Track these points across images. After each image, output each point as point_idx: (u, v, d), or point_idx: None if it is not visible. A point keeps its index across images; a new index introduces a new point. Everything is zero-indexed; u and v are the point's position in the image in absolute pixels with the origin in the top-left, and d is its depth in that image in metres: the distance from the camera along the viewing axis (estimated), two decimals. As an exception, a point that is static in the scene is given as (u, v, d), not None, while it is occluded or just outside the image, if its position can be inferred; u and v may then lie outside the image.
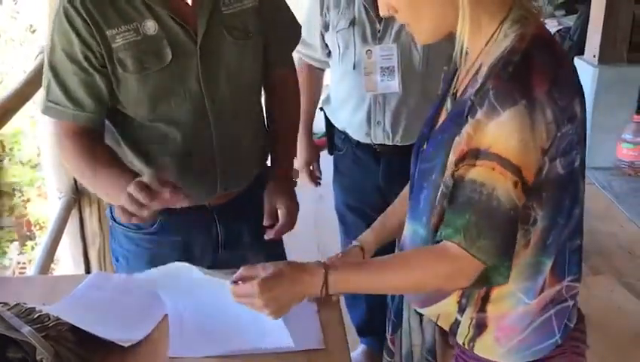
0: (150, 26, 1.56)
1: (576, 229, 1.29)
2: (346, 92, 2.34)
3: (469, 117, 1.16)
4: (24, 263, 4.90)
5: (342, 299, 1.74)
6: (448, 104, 1.31)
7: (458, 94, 1.27)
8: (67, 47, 1.55)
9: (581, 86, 1.22)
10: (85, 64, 1.55)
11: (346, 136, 2.43)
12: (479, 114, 1.14)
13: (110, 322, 1.44)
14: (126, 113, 1.64)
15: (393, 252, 1.45)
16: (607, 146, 4.53)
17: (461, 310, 1.31)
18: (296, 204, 1.82)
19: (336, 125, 2.46)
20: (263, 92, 1.88)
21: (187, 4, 1.59)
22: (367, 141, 2.35)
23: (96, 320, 1.41)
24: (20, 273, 4.73)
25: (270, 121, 1.89)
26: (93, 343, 1.32)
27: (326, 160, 2.65)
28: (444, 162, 1.21)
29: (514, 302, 1.27)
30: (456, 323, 1.33)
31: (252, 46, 1.71)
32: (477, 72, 1.20)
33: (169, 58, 1.58)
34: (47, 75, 1.59)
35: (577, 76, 1.23)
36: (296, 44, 1.93)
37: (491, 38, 1.19)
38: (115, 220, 1.81)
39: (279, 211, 1.77)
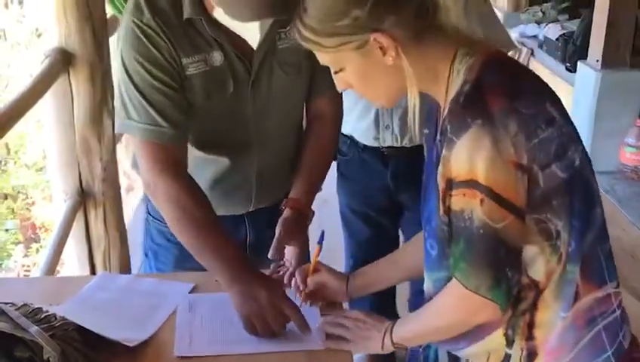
0: (217, 58, 1.58)
1: (602, 231, 1.26)
2: (353, 98, 2.35)
3: (440, 156, 1.17)
4: (28, 266, 4.90)
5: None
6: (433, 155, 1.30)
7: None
8: (154, 70, 1.53)
9: (547, 87, 1.22)
10: (174, 83, 1.55)
11: (351, 141, 2.42)
12: (444, 150, 1.15)
13: (116, 322, 1.45)
14: None
15: None
16: (610, 150, 4.53)
17: (509, 343, 1.25)
18: (308, 242, 1.72)
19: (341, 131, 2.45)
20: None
21: (244, 38, 1.59)
22: (375, 145, 2.35)
23: (102, 320, 1.42)
24: (25, 276, 4.74)
25: (302, 149, 1.79)
26: (99, 343, 1.34)
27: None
28: (437, 205, 1.21)
29: (555, 321, 1.23)
30: (506, 359, 1.27)
31: (302, 80, 1.72)
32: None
33: (231, 90, 1.60)
34: (132, 96, 1.55)
35: (540, 80, 1.22)
36: None
37: (448, 82, 1.20)
38: (150, 213, 1.83)
39: (293, 250, 1.62)
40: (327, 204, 2.50)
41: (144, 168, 1.59)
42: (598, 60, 4.56)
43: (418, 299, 1.41)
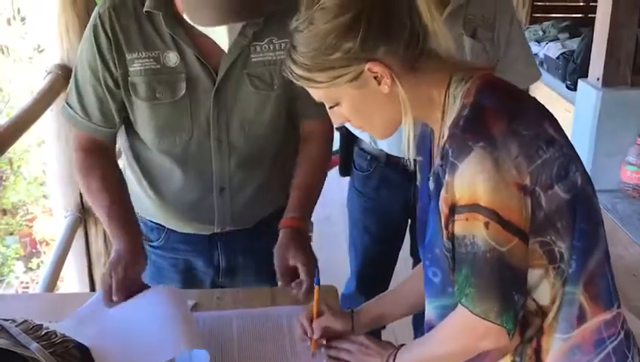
0: (171, 58, 1.57)
1: (607, 251, 1.24)
2: None
3: (442, 181, 1.16)
4: (27, 283, 4.90)
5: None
6: (431, 181, 1.28)
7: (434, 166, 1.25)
8: (90, 60, 1.59)
9: (544, 108, 1.22)
10: (102, 80, 1.59)
11: (372, 157, 2.36)
12: (446, 176, 1.14)
13: (116, 339, 1.44)
14: (139, 136, 1.66)
15: None
16: (611, 169, 4.54)
17: None
18: (313, 258, 1.60)
19: (364, 140, 2.37)
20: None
21: (215, 42, 1.53)
22: (403, 155, 2.27)
23: (102, 338, 1.41)
24: (23, 291, 4.74)
25: (295, 172, 1.75)
26: (99, 360, 1.33)
27: (334, 178, 2.63)
28: (438, 232, 1.19)
29: (555, 343, 1.20)
30: None
31: (275, 98, 1.65)
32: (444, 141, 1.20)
33: (181, 93, 1.58)
34: (72, 78, 1.65)
35: (536, 101, 1.22)
36: None
37: (444, 107, 1.19)
38: None
39: (299, 269, 1.54)
40: (329, 221, 2.49)
41: (72, 144, 1.71)
42: (598, 79, 4.57)
43: (420, 318, 1.39)
